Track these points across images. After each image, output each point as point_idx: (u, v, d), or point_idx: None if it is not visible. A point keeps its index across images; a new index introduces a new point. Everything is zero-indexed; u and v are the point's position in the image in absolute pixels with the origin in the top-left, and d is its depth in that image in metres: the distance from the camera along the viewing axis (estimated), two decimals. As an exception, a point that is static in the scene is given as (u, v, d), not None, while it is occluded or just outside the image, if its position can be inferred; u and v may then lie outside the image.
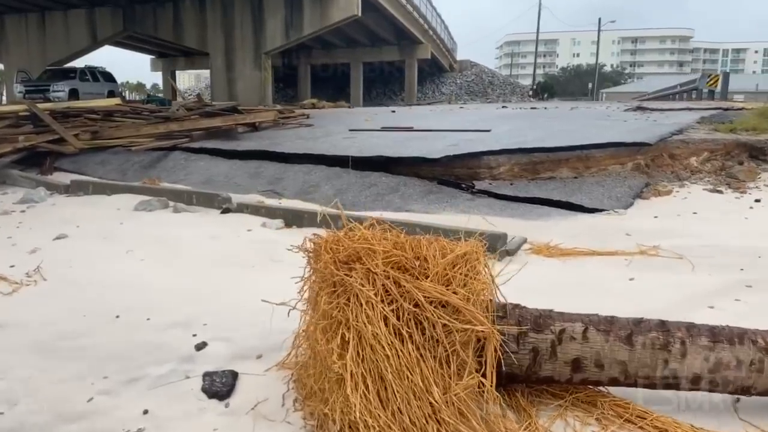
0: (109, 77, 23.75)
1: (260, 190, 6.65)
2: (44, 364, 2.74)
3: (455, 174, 6.61)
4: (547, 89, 52.79)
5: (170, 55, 43.04)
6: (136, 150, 7.56)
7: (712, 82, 22.48)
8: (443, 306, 2.12)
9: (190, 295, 3.66)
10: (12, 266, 4.26)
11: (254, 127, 9.43)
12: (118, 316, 3.32)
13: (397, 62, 45.78)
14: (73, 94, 20.47)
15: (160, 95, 22.35)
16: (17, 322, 3.27)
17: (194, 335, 3.05)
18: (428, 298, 2.12)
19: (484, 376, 2.08)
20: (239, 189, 6.78)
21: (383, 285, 2.17)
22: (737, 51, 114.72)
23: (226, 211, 5.79)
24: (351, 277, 2.22)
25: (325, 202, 6.11)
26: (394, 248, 2.28)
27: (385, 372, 1.99)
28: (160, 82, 53.27)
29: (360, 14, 25.41)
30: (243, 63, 25.79)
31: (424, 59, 43.17)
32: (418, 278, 2.19)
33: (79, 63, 27.96)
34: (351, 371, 2.01)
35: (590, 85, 54.77)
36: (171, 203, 6.06)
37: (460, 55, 55.02)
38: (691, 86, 25.04)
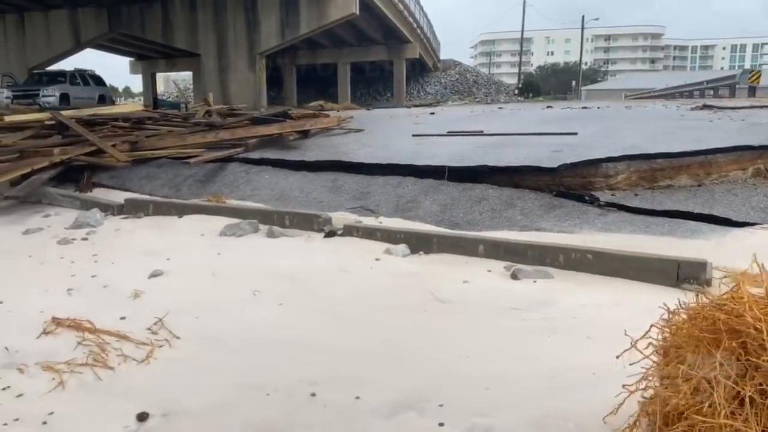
0: (99, 81, 22.52)
1: (348, 208, 5.89)
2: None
3: (564, 184, 5.96)
4: (532, 88, 52.74)
5: (150, 57, 41.62)
6: (195, 162, 6.72)
7: (754, 77, 21.95)
8: None
9: (379, 356, 2.93)
10: (122, 318, 3.46)
11: (304, 135, 8.63)
12: (313, 394, 2.57)
13: (382, 62, 45.14)
14: (64, 99, 19.27)
15: (170, 99, 21.09)
16: (179, 409, 2.49)
17: (441, 425, 2.30)
18: None
19: None
20: (322, 206, 6.01)
21: None
22: (705, 48, 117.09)
23: (330, 234, 5.03)
24: None
25: (433, 221, 5.42)
26: None
27: None
28: (138, 84, 51.64)
29: (358, 13, 24.68)
30: (236, 64, 24.83)
31: (411, 59, 42.58)
32: None
33: (63, 65, 26.63)
34: None
35: (573, 83, 54.73)
36: (261, 226, 5.27)
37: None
38: (727, 82, 24.50)
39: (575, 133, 7.78)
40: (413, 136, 8.55)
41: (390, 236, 4.78)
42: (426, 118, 12.51)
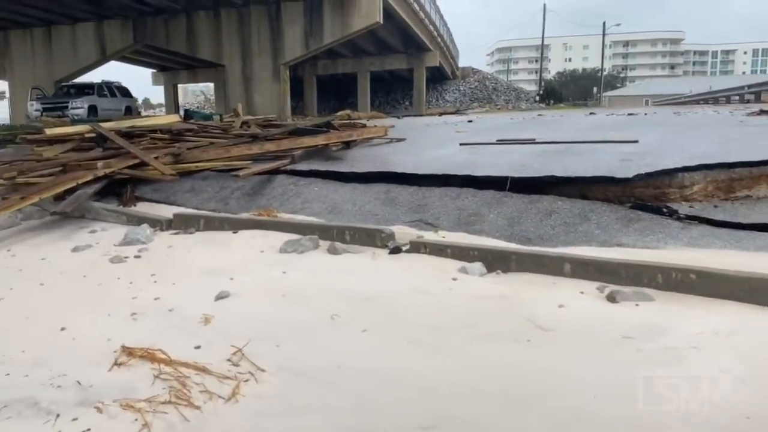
0: (125, 92, 22.57)
1: (406, 221, 5.61)
2: None
3: (636, 195, 5.64)
4: (554, 94, 52.23)
5: (172, 68, 41.96)
6: (245, 175, 6.48)
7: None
8: None
9: (494, 394, 2.63)
10: (197, 347, 3.20)
11: (346, 145, 8.38)
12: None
13: (400, 70, 45.03)
14: (92, 111, 19.30)
15: (203, 111, 20.92)
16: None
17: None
18: None
19: None
20: (377, 220, 5.73)
21: None
22: (726, 53, 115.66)
23: (395, 250, 4.75)
24: None
25: (501, 235, 5.12)
26: None
27: None
28: (157, 95, 52.04)
29: (381, 22, 24.53)
30: (261, 75, 24.78)
31: (430, 67, 42.38)
32: None
33: (86, 77, 26.79)
34: None
35: (594, 90, 54.16)
36: (321, 242, 5.00)
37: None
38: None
39: (635, 141, 7.43)
40: (461, 144, 8.26)
41: (462, 253, 4.48)
42: (465, 125, 12.22)
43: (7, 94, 28.42)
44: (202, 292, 4.05)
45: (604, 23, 50.77)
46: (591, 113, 18.45)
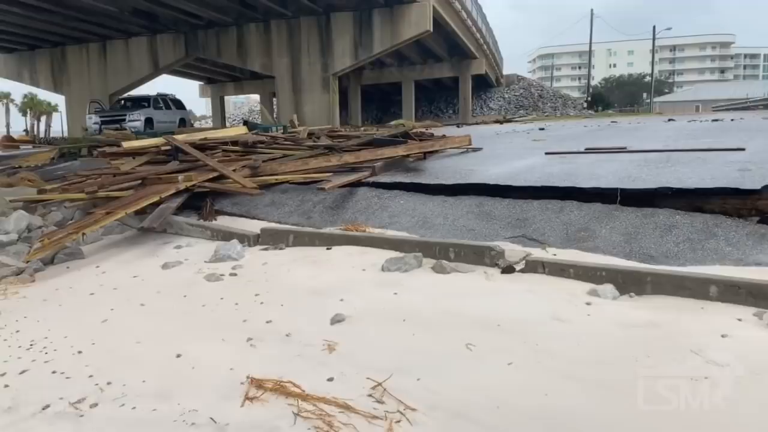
0: (179, 104, 22.88)
1: (508, 237, 5.26)
2: None
3: (757, 208, 5.15)
4: (601, 100, 51.00)
5: (219, 80, 42.58)
6: (330, 188, 6.25)
7: None
8: None
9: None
10: (330, 379, 2.93)
11: (422, 156, 8.09)
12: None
13: (445, 79, 44.73)
14: (148, 124, 19.56)
15: (262, 122, 21.04)
16: None
17: None
18: None
19: None
20: (475, 235, 5.41)
21: None
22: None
23: (509, 270, 4.41)
24: None
25: (619, 253, 4.72)
26: None
27: None
28: (200, 107, 52.90)
29: (431, 30, 24.27)
30: (310, 85, 24.79)
31: (476, 75, 41.92)
32: None
33: (140, 90, 27.30)
34: None
35: (644, 95, 52.71)
36: (425, 259, 4.70)
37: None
38: None
39: (742, 149, 6.94)
40: (546, 154, 7.88)
41: (588, 274, 4.12)
42: (538, 133, 11.80)
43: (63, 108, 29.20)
44: (314, 314, 3.79)
45: (654, 27, 49.34)
46: (670, 120, 17.70)
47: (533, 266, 4.36)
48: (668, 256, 4.56)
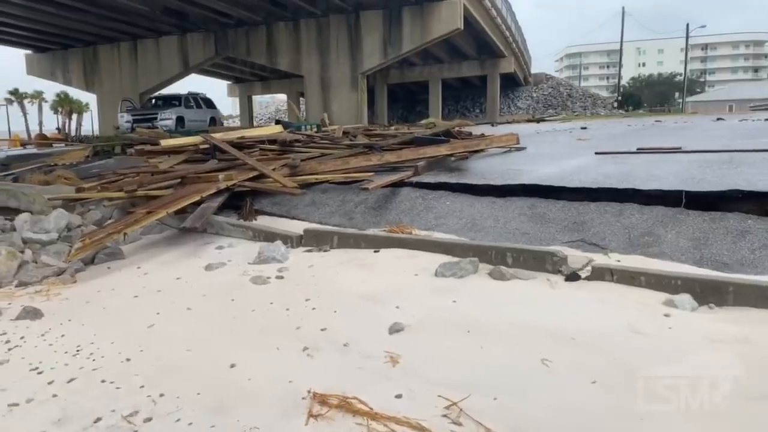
0: (209, 103, 22.93)
1: (565, 241, 4.99)
2: None
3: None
4: (632, 100, 50.01)
5: (247, 80, 42.74)
6: (373, 188, 6.04)
7: None
8: None
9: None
10: (398, 396, 2.71)
11: (465, 155, 7.84)
12: None
13: (472, 77, 44.30)
14: (179, 122, 19.60)
15: (289, 121, 20.97)
16: None
17: None
18: None
19: None
20: (529, 239, 5.15)
21: None
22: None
23: (573, 277, 4.15)
24: None
25: (688, 259, 4.43)
26: None
27: None
28: (224, 107, 53.23)
29: (462, 28, 23.94)
30: (338, 84, 24.65)
31: (504, 73, 41.39)
32: None
33: (169, 90, 27.46)
34: None
35: (677, 95, 51.57)
36: (481, 265, 4.46)
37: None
38: None
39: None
40: (596, 154, 7.56)
41: (661, 282, 3.84)
42: (580, 132, 11.45)
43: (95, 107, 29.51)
44: (370, 322, 3.58)
45: (687, 25, 48.21)
46: (718, 119, 17.12)
47: (600, 273, 4.09)
48: (744, 264, 4.25)
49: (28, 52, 30.36)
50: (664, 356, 2.96)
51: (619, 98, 48.48)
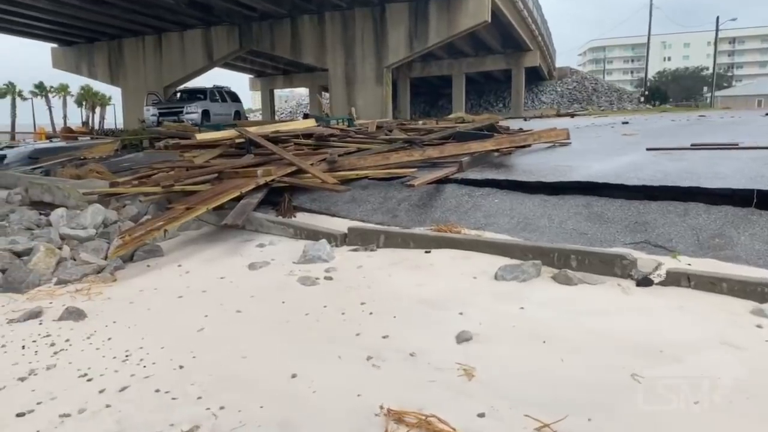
0: (234, 97, 22.81)
1: (628, 243, 4.71)
2: None
3: None
4: (659, 94, 49.01)
5: (269, 74, 42.69)
6: (420, 185, 5.81)
7: None
8: None
9: None
10: (480, 415, 2.49)
11: (509, 151, 7.55)
12: None
13: (496, 71, 43.78)
14: (205, 116, 19.50)
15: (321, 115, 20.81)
16: None
17: None
18: None
19: None
20: (587, 239, 4.88)
21: None
22: None
23: (645, 282, 3.88)
24: None
25: (766, 263, 4.12)
26: None
27: None
28: (250, 101, 53.29)
29: (490, 20, 23.53)
30: (363, 78, 24.41)
31: (529, 67, 40.83)
32: None
33: (192, 83, 27.42)
34: None
35: (705, 89, 50.44)
36: (544, 268, 4.20)
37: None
38: None
39: None
40: (648, 150, 7.24)
41: (745, 289, 3.56)
42: (623, 128, 11.08)
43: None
44: (434, 330, 3.36)
45: (717, 18, 46.94)
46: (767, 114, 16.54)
47: (675, 278, 3.82)
48: (830, 270, 3.94)
49: (54, 45, 30.55)
50: (765, 373, 2.68)
51: (646, 93, 47.51)
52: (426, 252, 4.76)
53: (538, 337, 3.18)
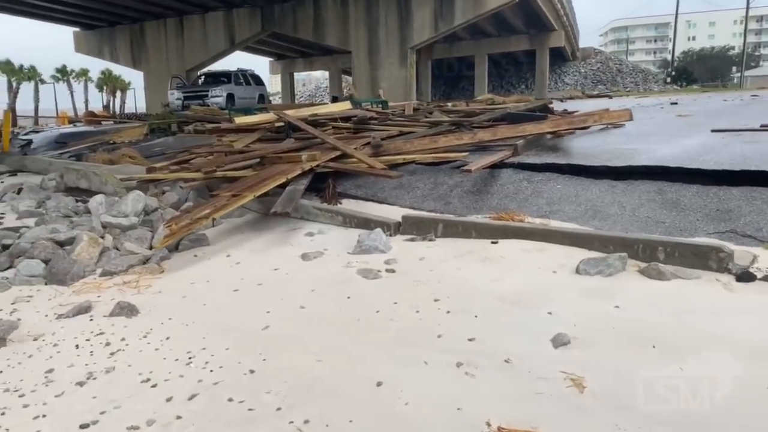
0: (258, 80, 22.53)
1: (711, 232, 4.35)
2: None
3: None
4: (686, 75, 47.77)
5: (289, 56, 42.29)
6: (476, 170, 5.47)
7: None
8: None
9: None
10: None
11: (562, 133, 7.17)
12: None
13: (517, 52, 42.99)
14: (230, 100, 19.24)
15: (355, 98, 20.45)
16: None
17: None
18: None
19: None
20: (666, 228, 4.52)
21: None
22: None
23: (747, 277, 3.52)
24: None
25: None
26: None
27: None
28: (273, 85, 52.97)
29: (518, -1, 22.90)
30: (387, 60, 23.93)
31: (553, 48, 39.96)
32: None
33: (214, 66, 27.17)
34: None
35: (734, 69, 49.05)
36: (618, 257, 3.86)
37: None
38: None
39: None
40: (713, 131, 6.82)
41: None
42: (673, 108, 10.60)
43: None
44: (524, 332, 3.05)
45: (748, -6, 45.48)
46: None
47: (783, 273, 3.45)
48: None
49: (76, 29, 30.42)
50: None
51: (673, 73, 46.34)
52: (492, 243, 4.44)
53: (644, 341, 2.85)
